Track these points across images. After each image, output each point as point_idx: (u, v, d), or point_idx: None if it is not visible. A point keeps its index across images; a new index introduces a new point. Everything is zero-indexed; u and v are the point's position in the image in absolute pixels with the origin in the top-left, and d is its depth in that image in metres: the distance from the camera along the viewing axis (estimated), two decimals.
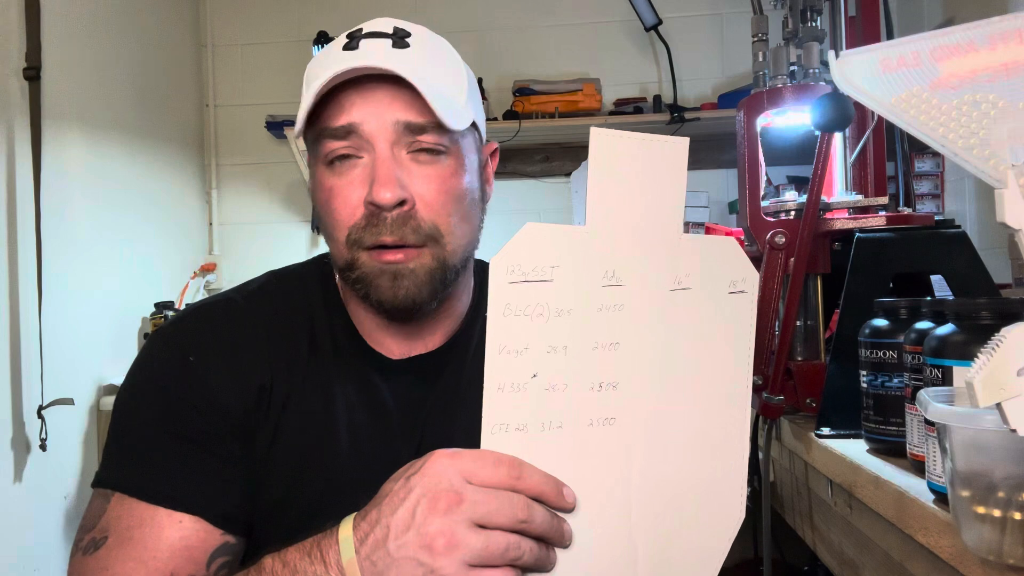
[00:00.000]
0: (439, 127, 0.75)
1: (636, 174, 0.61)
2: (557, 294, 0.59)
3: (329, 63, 0.75)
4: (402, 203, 0.74)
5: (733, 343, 0.65)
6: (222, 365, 0.79)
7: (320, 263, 0.89)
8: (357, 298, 0.81)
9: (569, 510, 0.60)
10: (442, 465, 0.58)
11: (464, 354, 0.87)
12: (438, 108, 0.73)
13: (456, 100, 0.78)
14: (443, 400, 0.85)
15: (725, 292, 0.64)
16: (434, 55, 0.79)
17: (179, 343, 0.80)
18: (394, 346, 0.85)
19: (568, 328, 0.59)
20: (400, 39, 0.77)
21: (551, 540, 0.59)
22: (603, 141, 0.59)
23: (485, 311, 0.58)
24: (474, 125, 0.81)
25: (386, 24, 0.79)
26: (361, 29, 0.78)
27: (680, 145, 0.61)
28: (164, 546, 0.72)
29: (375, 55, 0.75)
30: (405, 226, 0.75)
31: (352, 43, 0.77)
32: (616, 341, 0.61)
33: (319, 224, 0.81)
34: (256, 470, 0.79)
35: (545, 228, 0.59)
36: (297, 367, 0.81)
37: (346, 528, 0.60)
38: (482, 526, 0.56)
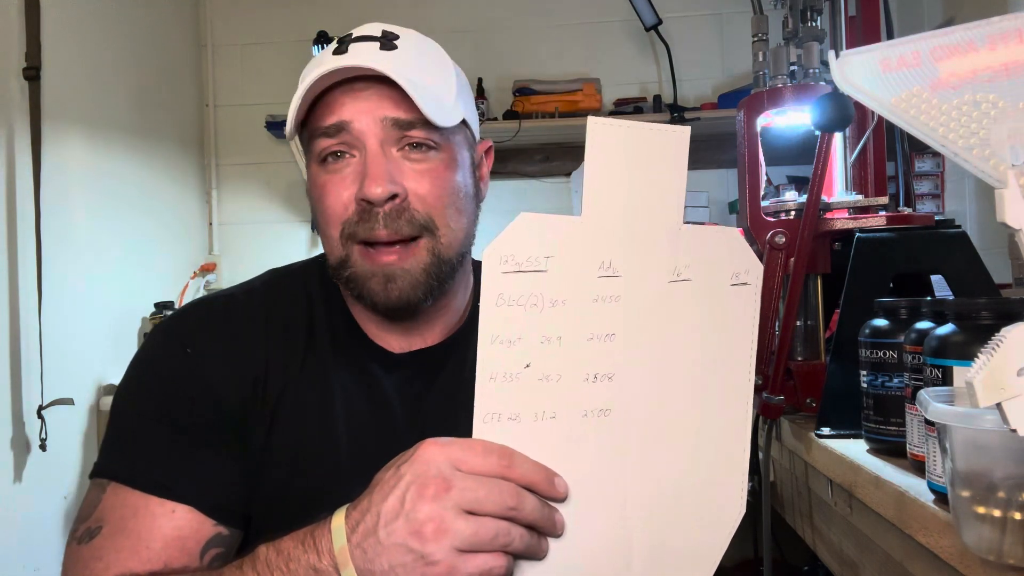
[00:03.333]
0: (428, 123, 0.76)
1: (634, 164, 0.60)
2: (551, 284, 0.59)
3: (319, 68, 0.77)
4: (394, 197, 0.76)
5: (735, 336, 0.64)
6: (218, 357, 0.80)
7: (320, 261, 0.90)
8: (352, 296, 0.83)
9: (561, 500, 0.60)
10: (432, 452, 0.58)
11: (465, 350, 0.88)
12: (424, 105, 0.74)
13: (444, 98, 0.79)
14: (444, 394, 0.85)
15: (727, 284, 0.63)
16: (422, 56, 0.81)
17: (178, 335, 0.81)
18: (393, 341, 0.86)
19: (562, 318, 0.59)
20: (388, 41, 0.79)
21: (542, 529, 0.60)
22: (601, 131, 0.59)
23: None
24: (465, 123, 0.82)
25: (375, 28, 0.81)
26: (351, 34, 0.81)
27: (681, 134, 0.61)
28: (157, 536, 0.72)
29: (362, 57, 0.77)
30: (399, 219, 0.77)
31: (341, 47, 0.79)
32: (612, 332, 0.60)
33: (315, 223, 0.83)
34: (253, 462, 0.79)
35: (540, 218, 0.59)
36: (294, 360, 0.82)
37: (339, 517, 0.61)
38: (472, 513, 0.57)
